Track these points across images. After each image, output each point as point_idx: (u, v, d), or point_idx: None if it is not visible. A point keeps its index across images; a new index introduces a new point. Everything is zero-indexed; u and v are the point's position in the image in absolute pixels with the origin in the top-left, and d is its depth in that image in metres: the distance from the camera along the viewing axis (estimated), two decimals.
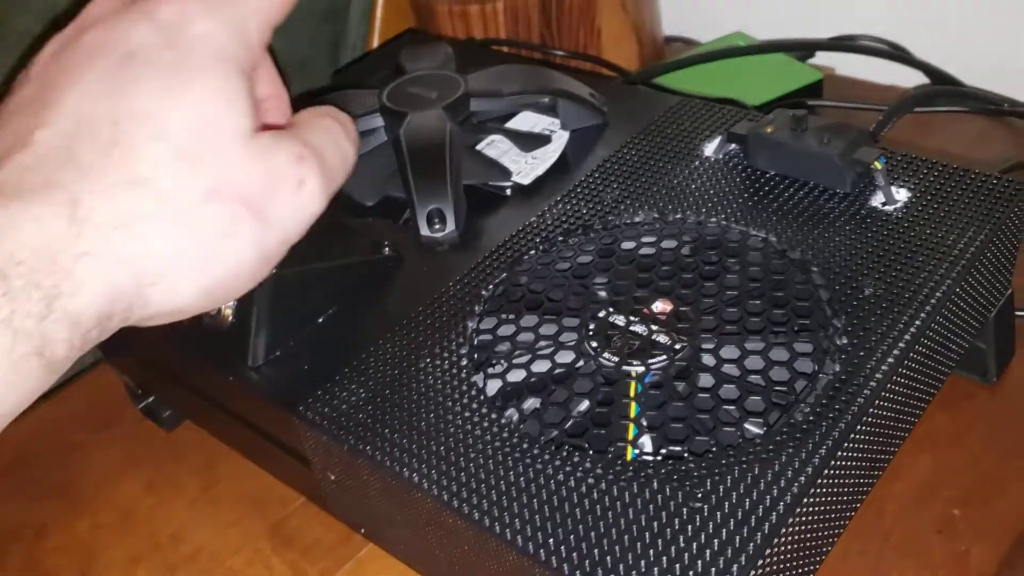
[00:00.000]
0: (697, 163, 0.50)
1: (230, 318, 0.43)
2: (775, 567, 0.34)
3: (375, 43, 0.78)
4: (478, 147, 0.54)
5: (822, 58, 0.78)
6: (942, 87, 0.66)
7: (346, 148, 0.39)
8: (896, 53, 0.72)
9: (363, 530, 0.44)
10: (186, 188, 0.32)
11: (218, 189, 0.33)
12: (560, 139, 0.54)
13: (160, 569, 0.49)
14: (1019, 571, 0.43)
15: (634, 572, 0.33)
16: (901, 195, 0.46)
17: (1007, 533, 0.44)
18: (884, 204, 0.45)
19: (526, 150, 0.53)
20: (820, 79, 0.70)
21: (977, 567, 0.43)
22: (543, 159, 0.53)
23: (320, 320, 0.45)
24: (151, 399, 0.55)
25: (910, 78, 0.73)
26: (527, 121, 0.56)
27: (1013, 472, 0.47)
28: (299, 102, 0.41)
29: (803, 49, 0.74)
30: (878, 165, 0.45)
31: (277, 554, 0.49)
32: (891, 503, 0.46)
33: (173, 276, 0.32)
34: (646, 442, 0.37)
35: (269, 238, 0.35)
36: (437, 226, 0.48)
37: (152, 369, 0.50)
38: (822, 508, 0.36)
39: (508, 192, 0.52)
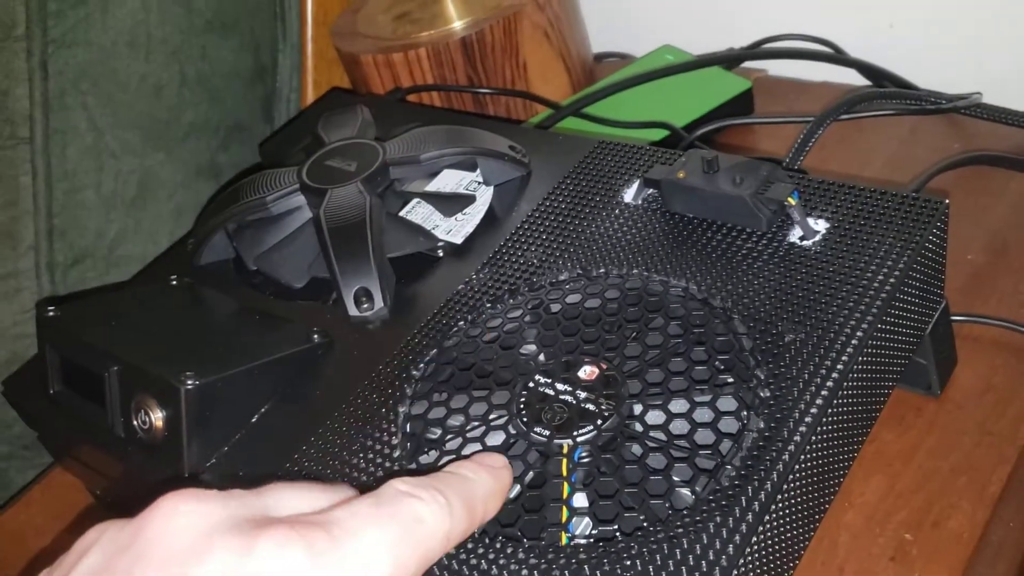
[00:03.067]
0: (617, 211, 0.50)
1: (162, 430, 0.43)
2: None
3: (309, 98, 0.78)
4: (402, 212, 0.54)
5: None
6: (867, 91, 0.65)
7: None
8: (828, 54, 0.72)
9: None
10: None
11: None
12: (485, 195, 0.54)
13: None
14: None
15: None
16: (820, 226, 0.46)
17: (960, 554, 0.45)
18: (802, 239, 0.45)
19: (449, 214, 0.53)
20: (749, 88, 0.69)
21: None
22: (472, 215, 0.53)
23: (253, 420, 0.45)
24: (110, 498, 0.55)
25: (843, 73, 0.73)
26: (451, 179, 0.56)
27: (962, 488, 0.47)
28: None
29: (731, 61, 0.73)
30: (792, 201, 0.45)
31: None
32: (844, 533, 0.46)
33: None
34: (583, 524, 0.37)
35: None
36: (365, 305, 0.48)
37: (101, 477, 0.50)
38: (761, 566, 0.36)
39: (440, 253, 0.52)
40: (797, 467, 0.37)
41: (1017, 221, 0.59)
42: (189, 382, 0.42)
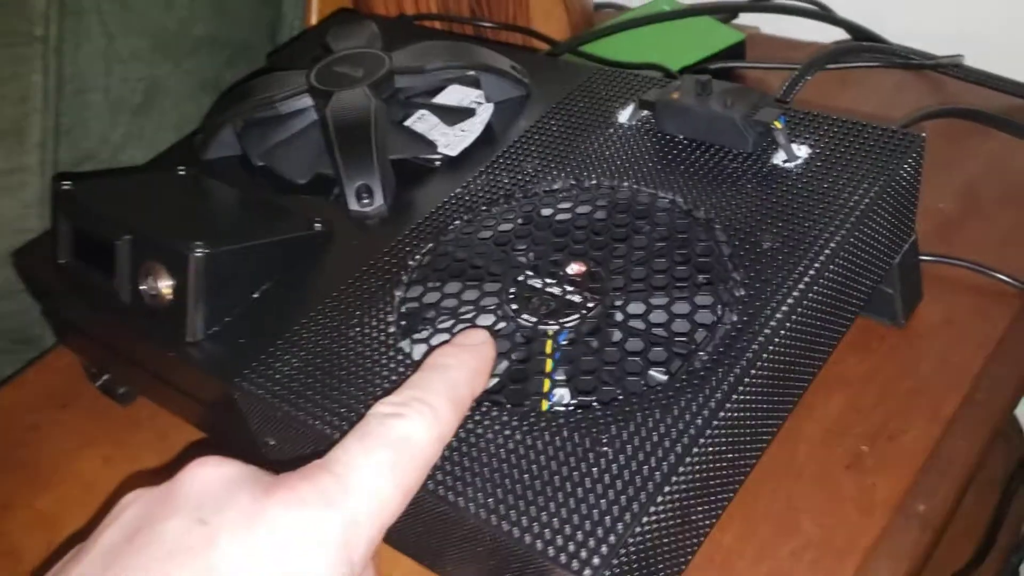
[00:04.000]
0: (612, 130, 0.52)
1: (169, 297, 0.45)
2: (677, 504, 0.37)
3: (313, 22, 0.80)
4: (406, 122, 0.56)
5: (747, 17, 0.80)
6: (855, 43, 0.68)
7: None
8: (818, 12, 0.75)
9: None
10: None
11: None
12: (485, 111, 0.56)
13: None
14: (920, 500, 0.47)
15: (544, 513, 0.35)
16: (802, 152, 0.48)
17: (911, 465, 0.48)
18: (785, 161, 0.48)
19: (451, 124, 0.55)
20: (742, 40, 0.72)
21: (883, 499, 0.47)
22: (470, 131, 0.56)
23: (255, 295, 0.47)
24: (106, 377, 0.57)
25: (833, 35, 0.76)
26: (454, 94, 0.58)
27: (918, 408, 0.50)
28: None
29: (726, 12, 0.76)
30: (778, 124, 0.48)
31: None
32: (803, 443, 0.49)
33: None
34: (562, 394, 0.40)
35: None
36: (366, 200, 0.51)
37: (103, 348, 0.52)
38: (723, 448, 0.39)
39: (437, 164, 0.54)
40: (765, 356, 0.40)
41: (990, 174, 0.62)
42: (198, 251, 0.44)
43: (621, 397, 0.39)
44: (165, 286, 0.45)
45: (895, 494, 0.47)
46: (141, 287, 0.46)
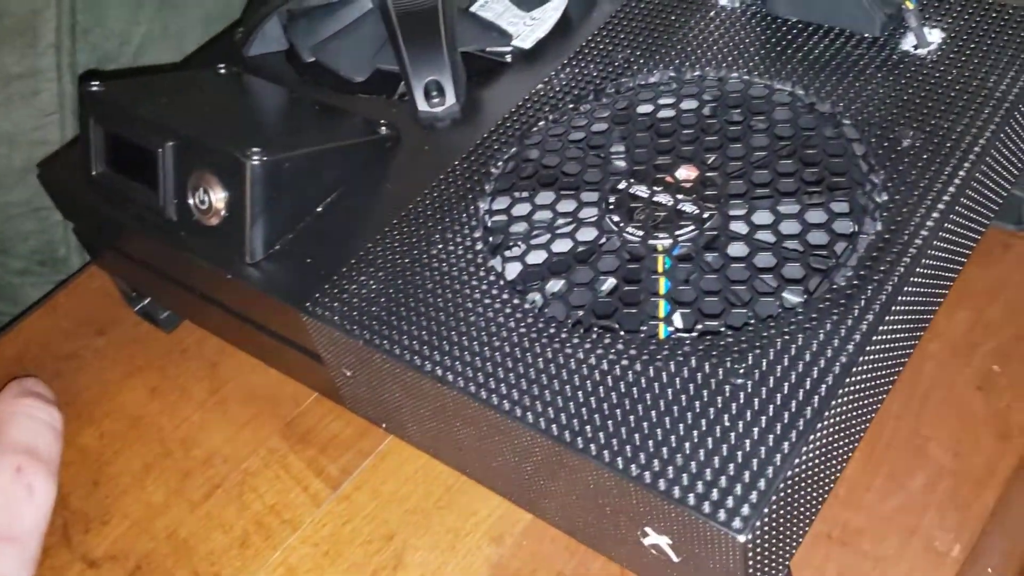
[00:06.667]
0: (712, 13, 0.46)
1: (222, 211, 0.40)
2: (825, 441, 0.32)
3: None
4: (472, 8, 0.50)
5: None
6: None
7: (49, 418, 0.45)
8: None
9: (384, 424, 0.42)
10: None
11: None
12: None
13: (174, 475, 0.47)
14: None
15: (679, 455, 0.31)
16: (935, 36, 0.42)
17: None
18: (916, 47, 0.42)
19: (525, 10, 0.49)
20: None
21: (1019, 422, 0.42)
22: (543, 19, 0.49)
23: (319, 209, 0.42)
24: (147, 301, 0.52)
25: None
26: None
27: None
28: None
29: None
30: (909, 4, 0.42)
31: (294, 452, 0.47)
32: (928, 362, 0.45)
33: None
34: (679, 319, 0.35)
35: (28, 549, 0.41)
36: (436, 99, 0.45)
37: (145, 270, 0.47)
38: (870, 376, 0.34)
39: (508, 58, 0.48)
40: (918, 271, 0.35)
41: None
42: (255, 157, 0.38)
43: (754, 321, 0.34)
44: (218, 199, 0.40)
45: None
46: (189, 200, 0.41)
